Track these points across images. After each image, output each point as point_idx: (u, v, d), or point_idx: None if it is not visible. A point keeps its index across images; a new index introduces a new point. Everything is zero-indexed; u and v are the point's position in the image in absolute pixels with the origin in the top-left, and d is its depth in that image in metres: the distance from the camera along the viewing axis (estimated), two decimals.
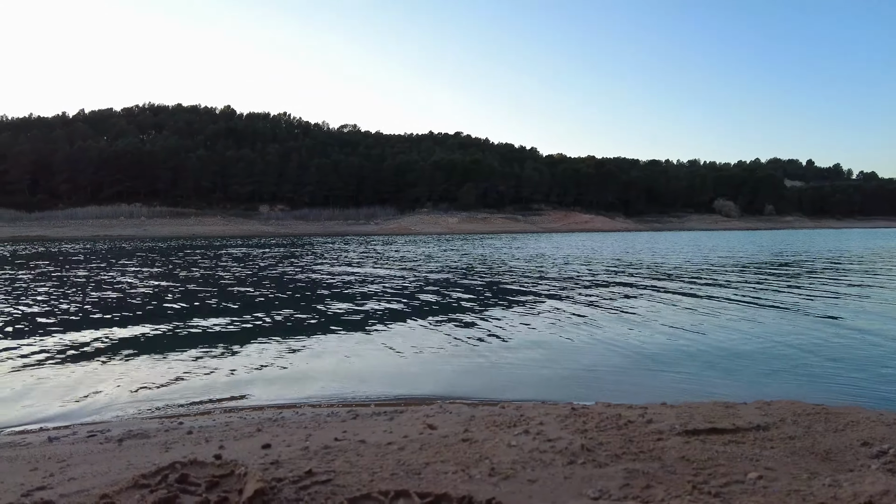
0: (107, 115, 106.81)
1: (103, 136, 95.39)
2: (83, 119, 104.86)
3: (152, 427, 2.71)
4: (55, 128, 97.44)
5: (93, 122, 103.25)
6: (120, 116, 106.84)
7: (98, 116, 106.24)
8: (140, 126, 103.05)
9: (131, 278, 11.47)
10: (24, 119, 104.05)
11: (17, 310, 7.23)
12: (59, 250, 26.55)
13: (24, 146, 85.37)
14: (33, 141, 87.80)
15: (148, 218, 74.85)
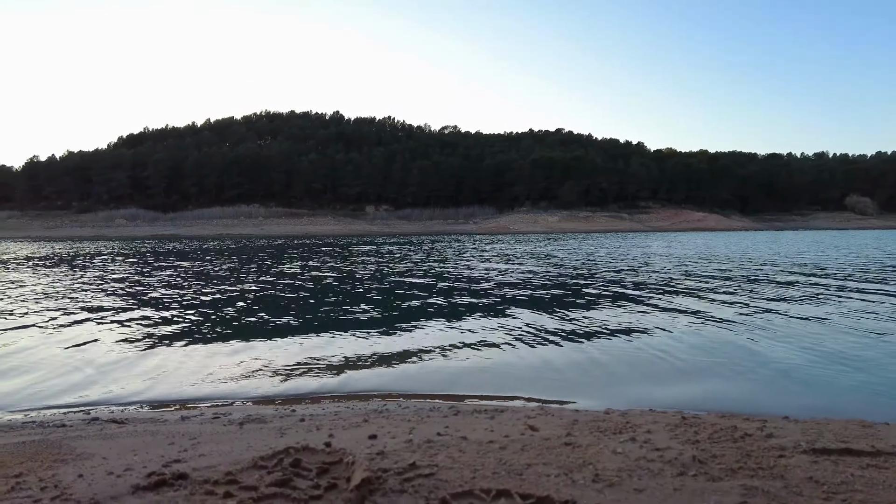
0: (229, 123, 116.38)
1: (226, 142, 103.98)
2: (209, 128, 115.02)
3: (268, 413, 2.90)
4: (186, 136, 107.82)
5: (217, 129, 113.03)
6: (240, 124, 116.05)
7: (221, 125, 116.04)
8: (258, 132, 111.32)
9: (260, 273, 12.39)
10: (161, 130, 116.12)
11: (154, 297, 8.05)
12: (187, 247, 29.25)
13: (161, 154, 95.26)
14: (168, 149, 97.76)
15: (265, 218, 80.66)
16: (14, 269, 14.66)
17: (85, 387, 3.87)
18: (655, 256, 17.49)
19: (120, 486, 1.44)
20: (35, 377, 4.11)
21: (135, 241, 41.80)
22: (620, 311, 6.68)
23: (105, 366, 4.43)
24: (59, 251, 25.61)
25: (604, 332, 5.44)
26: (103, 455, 1.79)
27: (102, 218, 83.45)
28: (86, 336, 5.56)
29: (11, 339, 5.41)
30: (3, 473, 1.58)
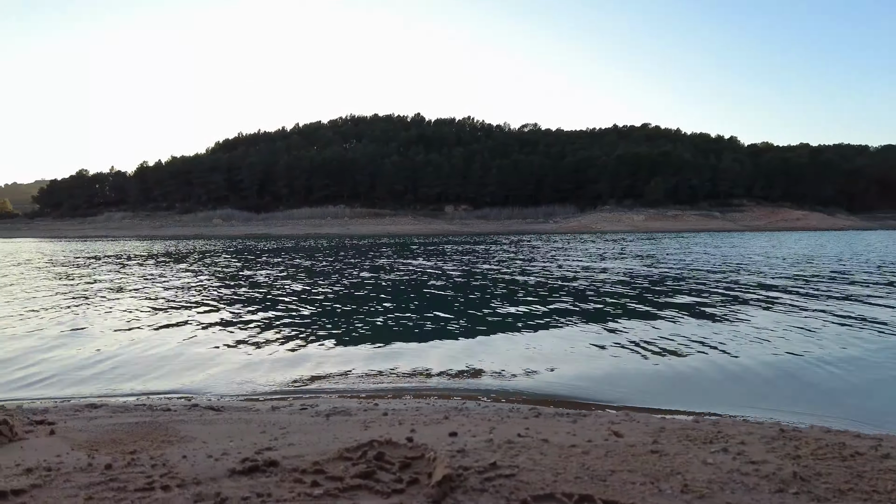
0: (316, 128, 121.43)
1: (314, 146, 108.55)
2: (298, 132, 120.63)
3: (353, 406, 3.00)
4: (277, 141, 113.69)
5: (305, 134, 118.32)
6: (327, 128, 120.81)
7: (309, 129, 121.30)
8: (344, 136, 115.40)
9: (358, 270, 12.86)
10: (254, 135, 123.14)
11: (252, 292, 8.54)
12: (283, 245, 30.78)
13: (254, 158, 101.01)
14: (261, 153, 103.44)
15: (350, 218, 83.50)
16: (141, 264, 16.06)
17: (184, 374, 4.18)
18: (763, 257, 16.45)
19: (218, 468, 1.54)
20: (143, 363, 4.48)
21: (233, 240, 44.56)
22: (710, 317, 6.35)
23: (202, 355, 4.75)
24: (173, 249, 27.74)
25: (688, 342, 5.20)
26: (203, 439, 1.91)
27: (201, 218, 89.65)
28: (191, 327, 5.99)
29: (123, 328, 5.93)
30: (121, 450, 1.73)
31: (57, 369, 4.35)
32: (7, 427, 1.82)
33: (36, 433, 1.93)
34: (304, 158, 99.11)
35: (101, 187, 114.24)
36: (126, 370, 4.32)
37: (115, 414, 2.73)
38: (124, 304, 7.74)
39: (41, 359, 4.68)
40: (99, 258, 19.80)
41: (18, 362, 4.57)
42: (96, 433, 2.03)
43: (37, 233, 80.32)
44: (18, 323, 6.37)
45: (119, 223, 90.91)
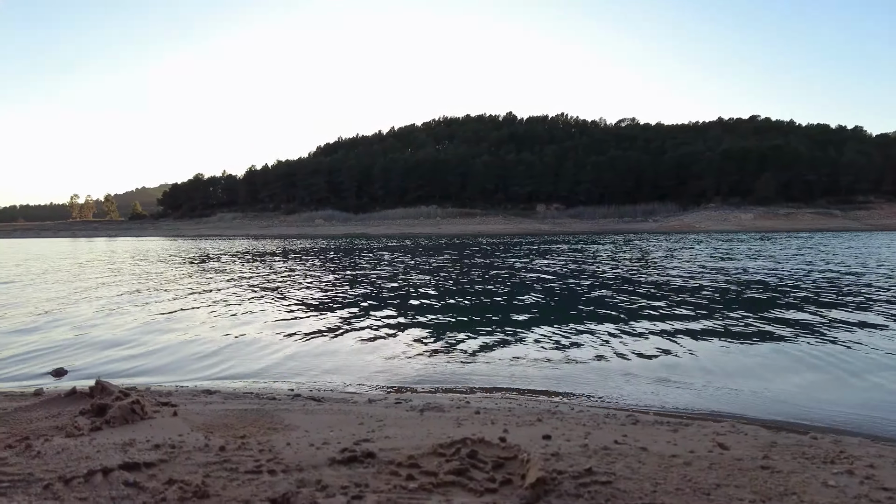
0: (410, 130, 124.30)
1: (408, 148, 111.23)
2: (393, 135, 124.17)
3: (445, 402, 3.04)
4: (373, 144, 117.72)
5: (400, 136, 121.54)
6: (421, 130, 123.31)
7: (404, 132, 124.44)
8: (436, 137, 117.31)
9: (449, 268, 13.09)
10: (353, 139, 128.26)
11: (350, 289, 8.91)
12: (387, 244, 31.82)
13: (352, 161, 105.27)
14: (358, 156, 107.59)
15: (441, 218, 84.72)
16: (255, 261, 17.28)
17: (287, 364, 4.43)
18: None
19: (319, 457, 1.62)
20: (251, 353, 4.80)
21: (334, 239, 46.66)
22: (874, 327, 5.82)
23: (305, 347, 5.01)
24: (284, 247, 29.54)
25: (815, 352, 4.79)
26: (305, 428, 2.02)
27: (304, 218, 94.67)
28: (295, 320, 6.35)
29: (230, 320, 6.38)
30: (233, 434, 1.86)
31: (179, 357, 4.77)
32: (139, 407, 2.03)
33: (162, 413, 2.13)
34: (398, 160, 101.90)
35: (215, 190, 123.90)
36: (236, 360, 4.66)
37: (227, 400, 2.95)
38: (241, 298, 8.34)
39: (166, 346, 5.15)
40: (219, 256, 21.46)
41: (145, 347, 5.07)
42: (211, 417, 2.20)
43: (161, 232, 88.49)
44: (155, 314, 7.06)
45: (230, 223, 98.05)
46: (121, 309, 7.53)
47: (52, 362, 4.60)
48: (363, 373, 4.17)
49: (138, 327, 6.17)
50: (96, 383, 2.37)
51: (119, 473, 1.40)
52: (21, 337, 5.69)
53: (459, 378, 3.96)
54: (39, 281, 11.93)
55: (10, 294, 9.50)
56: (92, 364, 4.57)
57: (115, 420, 1.96)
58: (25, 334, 5.83)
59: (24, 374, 4.28)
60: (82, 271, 14.60)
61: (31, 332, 5.92)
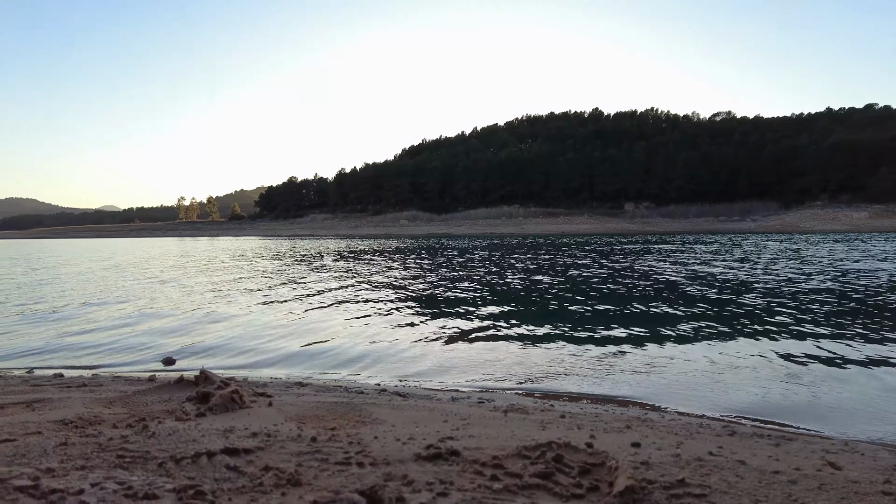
0: (493, 130, 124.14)
1: (490, 148, 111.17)
2: (476, 136, 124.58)
3: (529, 405, 3.00)
4: (456, 145, 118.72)
5: (482, 137, 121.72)
6: (504, 130, 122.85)
7: (487, 132, 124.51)
8: (519, 136, 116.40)
9: (546, 268, 13.01)
10: (436, 140, 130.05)
11: (438, 290, 9.04)
12: (470, 245, 32.06)
13: (436, 162, 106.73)
14: (442, 157, 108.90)
15: (524, 218, 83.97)
16: (347, 259, 18.00)
17: (372, 359, 4.55)
18: None
19: (405, 452, 1.64)
20: (340, 347, 4.98)
21: (418, 239, 47.55)
22: None
23: (391, 343, 5.14)
24: (375, 246, 30.53)
25: None
26: (392, 423, 2.06)
27: (390, 219, 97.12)
28: (378, 316, 6.53)
29: (324, 315, 6.66)
30: (324, 426, 1.94)
31: (273, 350, 5.04)
32: (238, 396, 2.16)
33: (258, 403, 2.25)
34: (480, 161, 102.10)
35: (307, 192, 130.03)
36: (326, 354, 4.85)
37: (318, 393, 3.07)
38: (336, 296, 8.69)
39: (263, 340, 5.46)
40: (319, 254, 22.49)
41: (244, 340, 5.39)
42: (303, 408, 2.30)
43: (258, 231, 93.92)
44: (257, 308, 7.51)
45: (321, 223, 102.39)
46: (226, 303, 8.07)
47: (164, 351, 5.01)
48: (446, 371, 4.21)
49: (241, 321, 6.58)
50: (201, 373, 2.55)
51: (221, 457, 1.49)
52: (139, 326, 6.24)
53: (544, 381, 3.90)
54: (154, 276, 13.04)
55: (127, 287, 10.46)
56: (196, 354, 4.93)
57: (217, 407, 2.09)
58: (141, 324, 6.39)
59: (140, 361, 4.69)
60: (187, 267, 15.80)
61: (147, 322, 6.48)
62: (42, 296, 9.57)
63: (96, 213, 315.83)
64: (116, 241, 69.01)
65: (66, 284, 11.51)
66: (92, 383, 3.17)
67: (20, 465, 1.38)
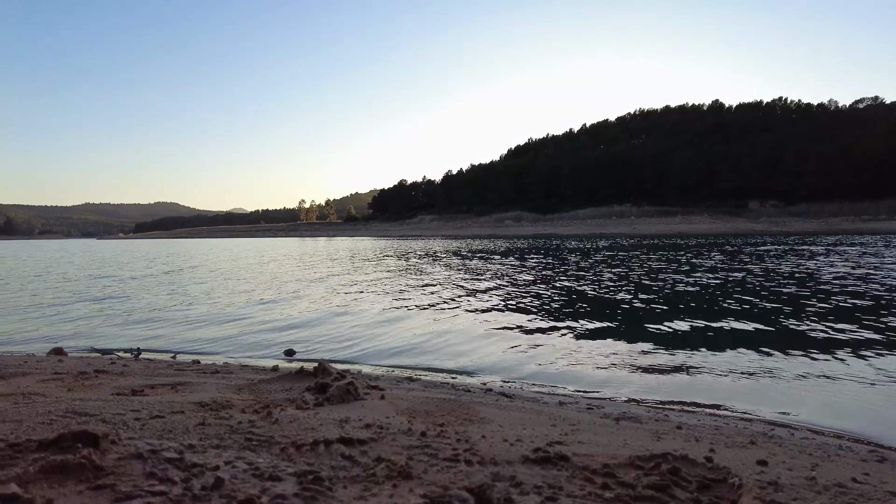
0: (603, 126, 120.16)
1: (600, 145, 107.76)
2: (584, 132, 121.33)
3: (642, 413, 2.87)
4: (563, 143, 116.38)
5: (591, 134, 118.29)
6: (614, 126, 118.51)
7: (596, 128, 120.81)
8: (631, 132, 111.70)
9: (671, 272, 12.53)
10: (542, 139, 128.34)
11: (547, 292, 8.93)
12: (564, 245, 31.41)
13: (541, 161, 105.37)
14: (547, 157, 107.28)
15: (636, 217, 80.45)
16: (459, 259, 18.38)
17: (480, 358, 4.58)
18: None
19: (513, 453, 1.64)
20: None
21: (524, 239, 47.24)
22: None
23: (500, 342, 5.14)
24: (483, 246, 30.88)
25: None
26: (499, 423, 2.06)
27: (494, 220, 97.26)
28: (487, 314, 6.57)
29: (433, 313, 6.80)
30: (433, 421, 1.98)
31: (386, 345, 5.24)
32: (353, 388, 2.26)
33: (371, 396, 2.35)
34: (588, 159, 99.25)
35: (416, 194, 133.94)
36: (435, 351, 4.95)
37: (426, 389, 3.15)
38: (444, 295, 8.88)
39: (377, 335, 5.69)
40: (434, 254, 23.13)
41: (359, 335, 5.65)
42: (413, 403, 2.36)
43: (371, 232, 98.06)
44: (372, 304, 7.86)
45: (428, 224, 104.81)
46: (344, 299, 8.52)
47: (285, 343, 5.38)
48: (553, 374, 4.14)
49: (357, 316, 6.92)
50: (319, 364, 2.70)
51: (337, 446, 1.57)
52: (265, 319, 6.76)
53: (658, 389, 3.72)
54: (282, 274, 14.05)
55: (258, 283, 11.34)
56: (315, 346, 5.24)
57: (334, 398, 2.21)
58: (267, 317, 6.91)
59: (265, 351, 5.08)
60: (312, 266, 16.85)
61: (272, 315, 7.00)
62: (186, 289, 10.67)
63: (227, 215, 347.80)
64: (245, 240, 75.33)
65: (207, 282, 12.74)
66: (223, 370, 3.47)
67: (168, 439, 1.54)
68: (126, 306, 8.41)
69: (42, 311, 8.04)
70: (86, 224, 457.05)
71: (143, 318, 7.18)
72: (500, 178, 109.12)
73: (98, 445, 1.38)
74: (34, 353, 4.80)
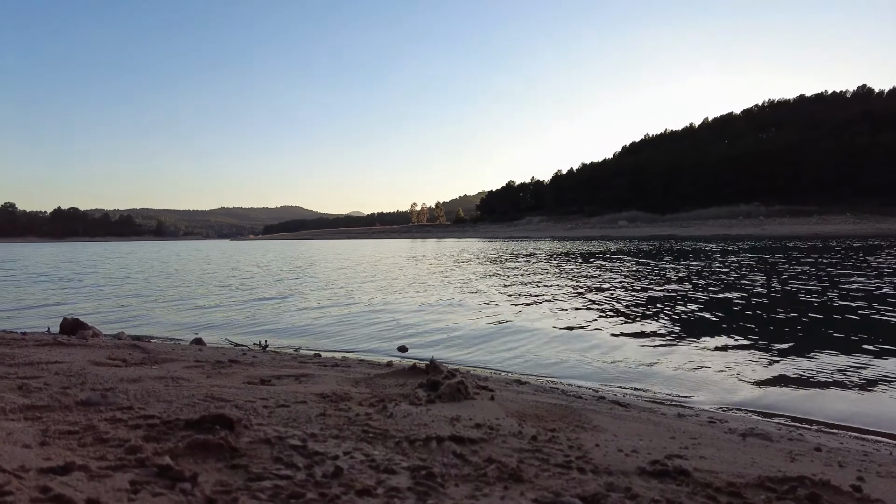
0: (727, 120, 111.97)
1: (724, 140, 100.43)
2: (706, 127, 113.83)
3: (772, 431, 2.63)
4: (683, 139, 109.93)
5: (714, 128, 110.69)
6: (739, 119, 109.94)
7: (719, 122, 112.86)
8: (759, 125, 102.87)
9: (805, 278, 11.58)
10: (660, 135, 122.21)
11: (669, 297, 8.51)
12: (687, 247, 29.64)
13: (658, 159, 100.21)
14: (665, 153, 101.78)
15: (766, 217, 73.96)
16: (572, 261, 18.14)
17: (590, 363, 4.44)
18: None
19: (628, 464, 1.57)
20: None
21: (639, 241, 45.28)
22: None
23: (614, 350, 4.96)
24: (593, 249, 30.17)
25: None
26: (613, 432, 1.98)
27: (607, 220, 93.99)
28: (602, 320, 6.37)
29: (546, 315, 6.71)
30: (543, 426, 1.95)
31: (495, 346, 5.25)
32: (464, 387, 2.29)
33: (481, 396, 2.35)
34: (711, 155, 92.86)
35: (524, 195, 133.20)
36: (545, 354, 4.88)
37: (536, 392, 3.11)
38: (555, 296, 8.76)
39: (486, 335, 5.72)
40: (532, 254, 22.98)
41: (470, 335, 5.71)
42: (523, 406, 2.34)
43: (478, 234, 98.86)
44: (483, 305, 7.95)
45: (537, 226, 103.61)
46: (458, 297, 8.67)
47: (398, 339, 5.57)
48: (671, 384, 3.92)
49: (467, 315, 7.01)
50: (430, 362, 2.76)
51: (449, 444, 1.60)
52: (380, 318, 7.05)
53: (791, 406, 3.40)
54: (396, 275, 14.59)
55: (375, 281, 11.85)
56: (426, 344, 5.38)
57: (445, 396, 2.25)
58: (382, 316, 7.19)
59: (380, 348, 5.29)
60: (426, 266, 17.33)
61: (387, 312, 7.28)
62: (308, 286, 11.41)
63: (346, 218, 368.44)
64: (361, 241, 79.07)
65: (328, 279, 13.54)
66: (342, 364, 3.66)
67: (292, 427, 1.65)
68: (255, 301, 9.16)
69: (187, 302, 8.98)
70: (221, 226, 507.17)
71: (269, 313, 7.77)
72: (614, 177, 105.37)
73: (233, 429, 1.51)
74: (179, 341, 5.37)
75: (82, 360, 2.75)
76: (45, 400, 1.80)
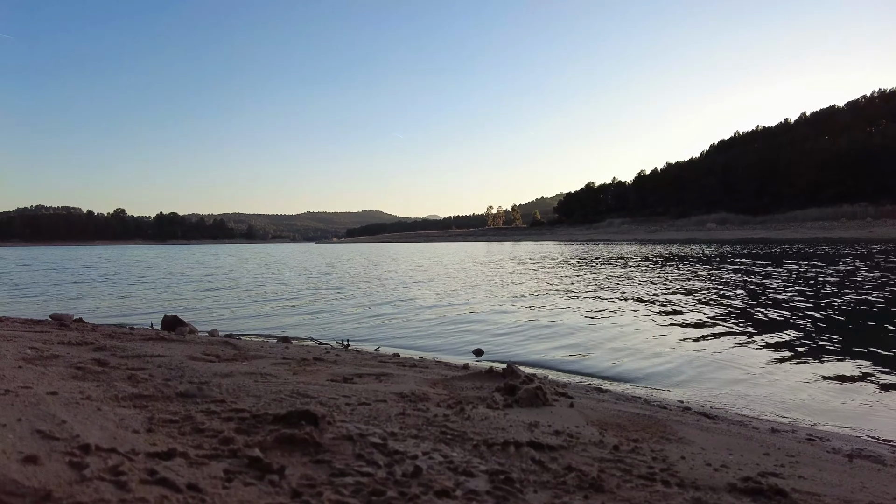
0: (829, 114, 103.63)
1: (824, 135, 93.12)
2: (804, 122, 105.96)
3: (885, 454, 2.41)
4: (778, 135, 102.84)
5: (814, 123, 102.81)
6: (843, 112, 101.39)
7: (819, 116, 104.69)
8: (868, 118, 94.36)
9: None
10: (751, 132, 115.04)
11: (762, 305, 8.02)
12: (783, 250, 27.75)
13: (751, 157, 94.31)
14: (758, 151, 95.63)
15: (874, 219, 67.66)
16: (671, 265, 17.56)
17: (676, 371, 4.24)
18: None
19: (717, 479, 1.48)
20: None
21: (731, 245, 42.92)
22: None
23: (700, 359, 4.72)
24: (682, 252, 28.99)
25: None
26: (700, 445, 1.89)
27: (694, 222, 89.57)
28: (689, 326, 6.09)
29: (626, 321, 6.50)
30: (626, 436, 1.89)
31: (575, 352, 5.14)
32: (542, 393, 2.26)
33: (560, 403, 2.31)
34: (810, 152, 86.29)
35: (605, 197, 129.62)
36: (628, 361, 4.73)
37: (618, 401, 3.01)
38: (638, 302, 8.49)
39: (565, 341, 5.62)
40: (620, 258, 22.39)
41: (549, 340, 5.63)
42: (604, 415, 2.27)
43: (556, 237, 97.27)
44: (561, 310, 7.85)
45: (618, 228, 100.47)
46: (534, 301, 8.59)
47: (475, 342, 5.58)
48: (765, 396, 3.68)
49: (548, 321, 6.92)
50: (508, 366, 2.74)
51: (527, 449, 1.58)
52: (458, 319, 7.10)
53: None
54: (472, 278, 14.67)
55: (452, 284, 11.96)
56: (502, 348, 5.35)
57: (523, 401, 2.22)
58: (459, 318, 7.24)
59: (457, 350, 5.32)
60: (502, 269, 17.30)
61: (464, 316, 7.32)
62: (388, 287, 11.69)
63: (423, 221, 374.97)
64: (439, 244, 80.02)
65: (408, 281, 13.83)
66: (420, 365, 3.72)
67: (373, 425, 1.69)
68: (339, 301, 9.49)
69: (275, 302, 9.45)
70: (307, 230, 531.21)
71: (352, 313, 8.03)
72: (703, 177, 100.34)
73: (317, 425, 1.57)
74: (267, 339, 5.65)
75: (181, 355, 2.96)
76: (149, 390, 1.96)
